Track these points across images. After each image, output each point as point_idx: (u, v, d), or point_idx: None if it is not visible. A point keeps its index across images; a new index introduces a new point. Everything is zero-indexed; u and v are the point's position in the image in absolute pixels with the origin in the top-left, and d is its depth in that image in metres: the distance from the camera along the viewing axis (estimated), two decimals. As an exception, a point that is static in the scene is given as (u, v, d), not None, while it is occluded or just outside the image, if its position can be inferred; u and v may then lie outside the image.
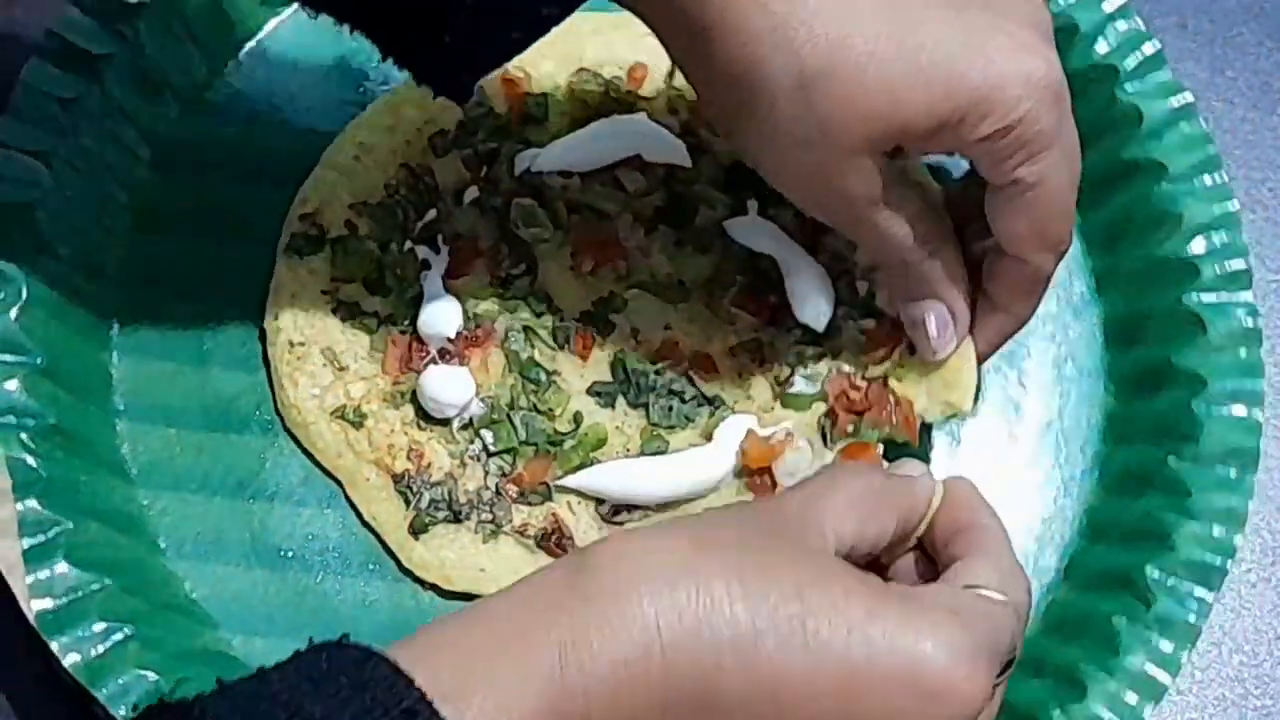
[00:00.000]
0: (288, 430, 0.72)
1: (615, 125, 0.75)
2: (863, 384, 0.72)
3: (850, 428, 0.71)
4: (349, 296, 0.73)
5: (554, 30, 0.75)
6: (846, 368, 0.72)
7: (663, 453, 0.71)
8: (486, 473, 0.71)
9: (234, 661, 0.68)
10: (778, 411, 0.72)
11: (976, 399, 0.72)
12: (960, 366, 0.72)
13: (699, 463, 0.71)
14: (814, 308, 0.72)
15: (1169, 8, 0.84)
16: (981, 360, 0.70)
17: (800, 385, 0.72)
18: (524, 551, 0.70)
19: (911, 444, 0.72)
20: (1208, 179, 0.74)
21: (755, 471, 0.71)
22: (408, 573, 0.70)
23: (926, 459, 0.73)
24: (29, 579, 0.65)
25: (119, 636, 0.65)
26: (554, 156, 0.74)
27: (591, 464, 0.71)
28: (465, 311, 0.73)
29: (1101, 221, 0.77)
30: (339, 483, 0.72)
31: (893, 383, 0.72)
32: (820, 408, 0.72)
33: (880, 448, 0.70)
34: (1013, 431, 0.75)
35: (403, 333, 0.72)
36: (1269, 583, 0.75)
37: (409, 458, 0.71)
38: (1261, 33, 0.84)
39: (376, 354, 0.72)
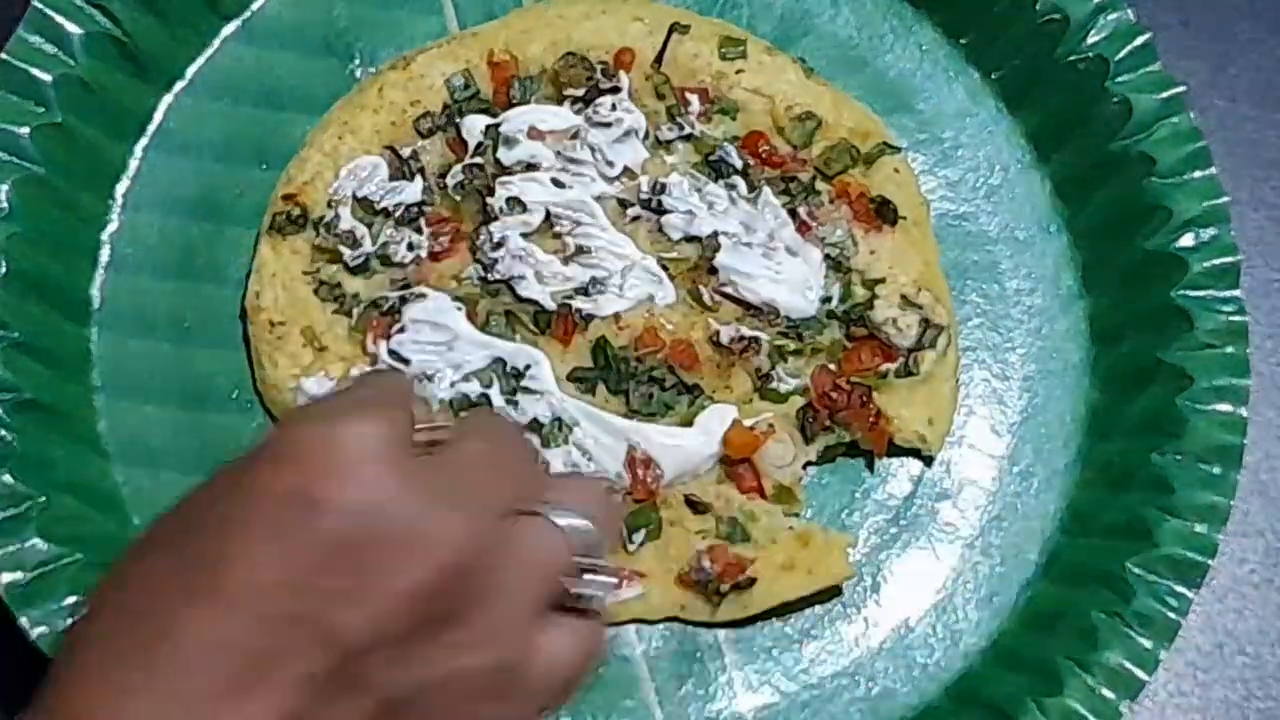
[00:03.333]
0: (266, 409, 0.72)
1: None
2: (847, 386, 0.72)
3: (827, 423, 0.72)
4: (330, 277, 0.73)
5: (543, 14, 0.76)
6: (831, 366, 0.72)
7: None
8: (465, 455, 0.71)
9: (205, 639, 0.68)
10: (756, 403, 0.72)
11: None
12: (944, 409, 0.73)
13: (682, 447, 0.71)
14: (797, 296, 0.73)
15: (1171, 5, 0.83)
16: None
17: (780, 379, 0.72)
18: (501, 536, 0.70)
19: (878, 455, 0.72)
20: (1197, 173, 0.74)
21: (735, 461, 0.71)
22: (383, 555, 0.70)
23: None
24: (-1, 551, 0.65)
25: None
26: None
27: (571, 449, 0.71)
28: (448, 294, 0.72)
29: (1089, 215, 0.76)
30: (317, 463, 0.72)
31: (877, 395, 0.72)
32: (798, 401, 0.72)
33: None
34: (996, 424, 0.74)
35: (383, 314, 0.72)
36: (1272, 584, 0.75)
37: (387, 439, 0.71)
38: (1264, 30, 0.84)
39: (356, 335, 0.72)
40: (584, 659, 0.52)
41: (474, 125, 0.74)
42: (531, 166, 0.74)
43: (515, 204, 0.73)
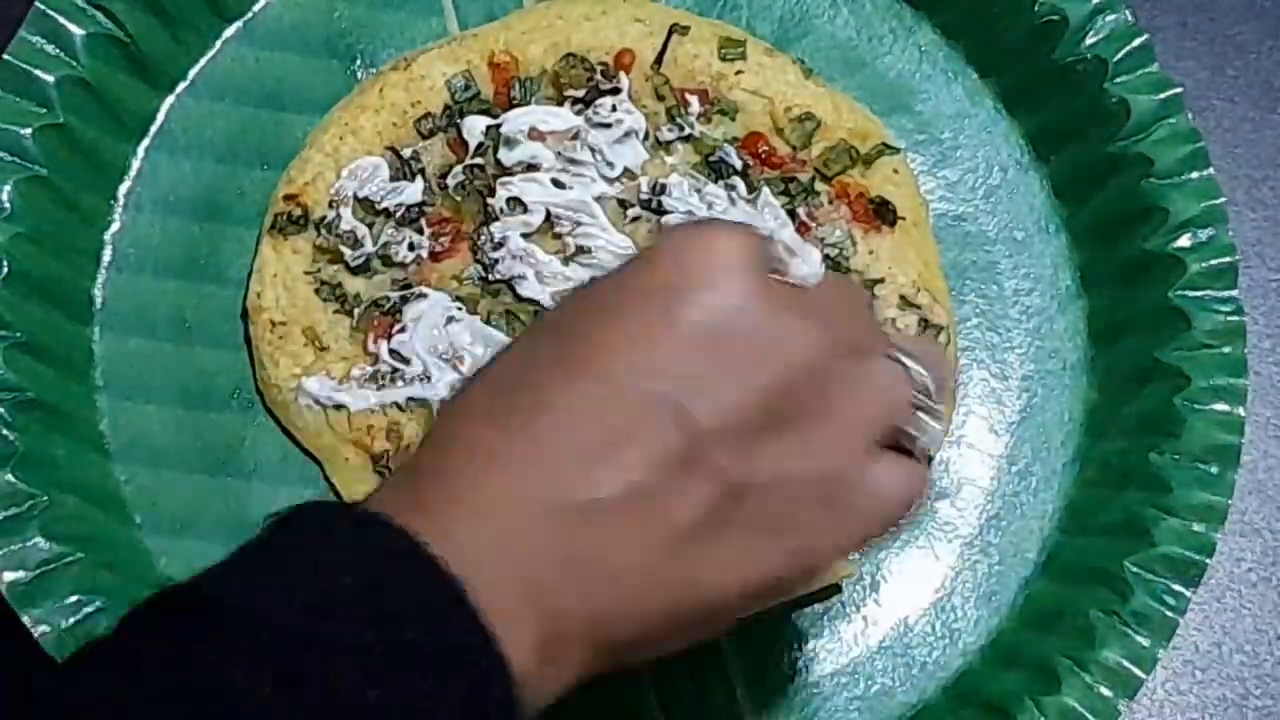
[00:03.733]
0: (268, 409, 0.73)
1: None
2: None
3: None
4: (331, 277, 0.73)
5: (543, 16, 0.76)
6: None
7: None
8: (465, 455, 0.71)
9: (207, 638, 0.69)
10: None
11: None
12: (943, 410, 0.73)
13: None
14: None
15: (1169, 6, 0.83)
16: None
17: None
18: (502, 535, 0.70)
19: None
20: (1194, 174, 0.74)
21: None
22: (385, 553, 0.70)
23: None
24: (1, 551, 0.65)
25: (91, 609, 0.65)
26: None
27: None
28: (448, 294, 0.73)
29: (1087, 216, 0.76)
30: (318, 462, 0.72)
31: None
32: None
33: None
34: (994, 424, 0.75)
35: (384, 314, 0.72)
36: (1269, 582, 0.75)
37: (388, 438, 0.71)
38: (1262, 31, 0.84)
39: (358, 335, 0.72)
40: (909, 495, 0.55)
41: (475, 126, 0.74)
42: (532, 167, 0.74)
43: (516, 204, 0.73)
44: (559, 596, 0.49)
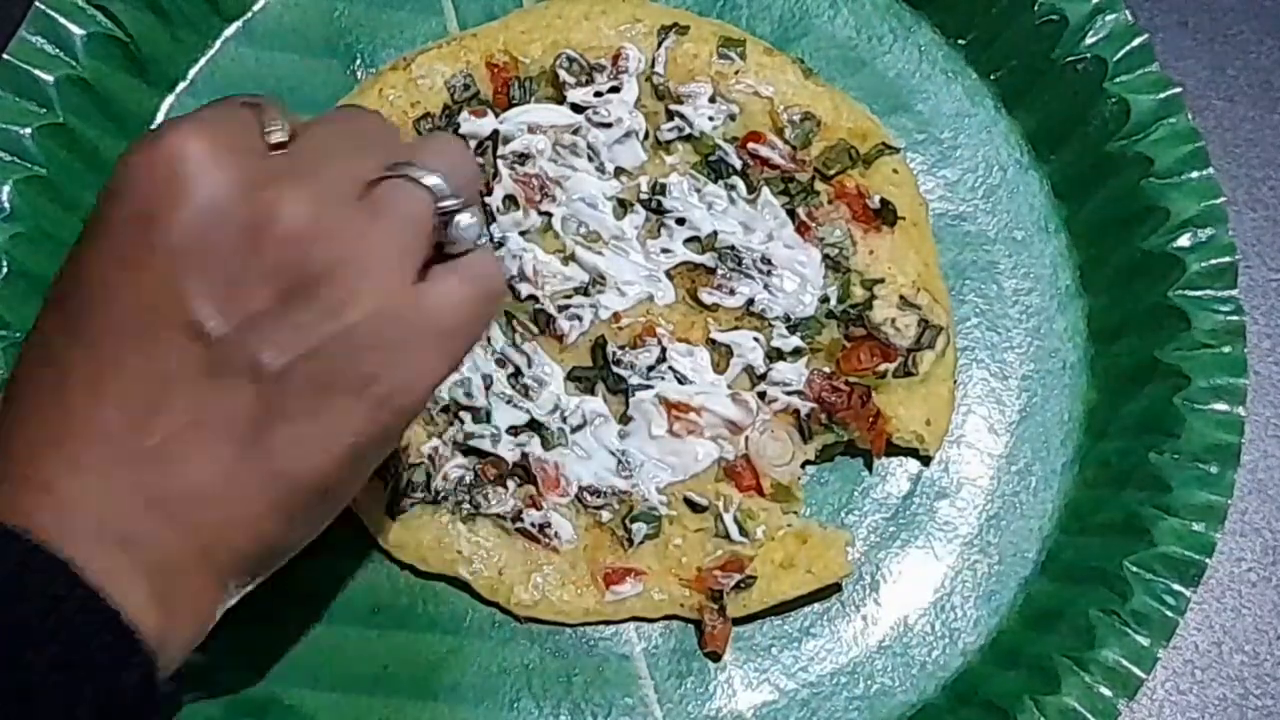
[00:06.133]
0: (267, 409, 0.72)
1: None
2: (845, 387, 0.72)
3: (825, 422, 0.72)
4: (331, 277, 0.73)
5: (543, 15, 0.76)
6: (826, 369, 0.72)
7: (642, 439, 0.72)
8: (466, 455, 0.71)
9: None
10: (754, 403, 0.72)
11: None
12: (943, 410, 0.73)
13: (682, 444, 0.71)
14: (795, 294, 0.73)
15: (1169, 6, 0.83)
16: None
17: (777, 379, 0.72)
18: (502, 534, 0.70)
19: (876, 455, 0.73)
20: (1194, 174, 0.74)
21: (734, 459, 0.71)
22: (385, 552, 0.71)
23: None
24: (1, 550, 0.65)
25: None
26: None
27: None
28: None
29: (1087, 215, 0.76)
30: (318, 462, 0.72)
31: (875, 395, 0.72)
32: (795, 401, 0.72)
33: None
34: (994, 424, 0.75)
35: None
36: (1269, 582, 0.75)
37: (388, 439, 0.71)
38: (1262, 31, 0.84)
39: (357, 335, 0.72)
40: (476, 295, 0.54)
41: (474, 126, 0.74)
42: (527, 156, 0.74)
43: (515, 203, 0.73)
44: (155, 540, 0.49)
